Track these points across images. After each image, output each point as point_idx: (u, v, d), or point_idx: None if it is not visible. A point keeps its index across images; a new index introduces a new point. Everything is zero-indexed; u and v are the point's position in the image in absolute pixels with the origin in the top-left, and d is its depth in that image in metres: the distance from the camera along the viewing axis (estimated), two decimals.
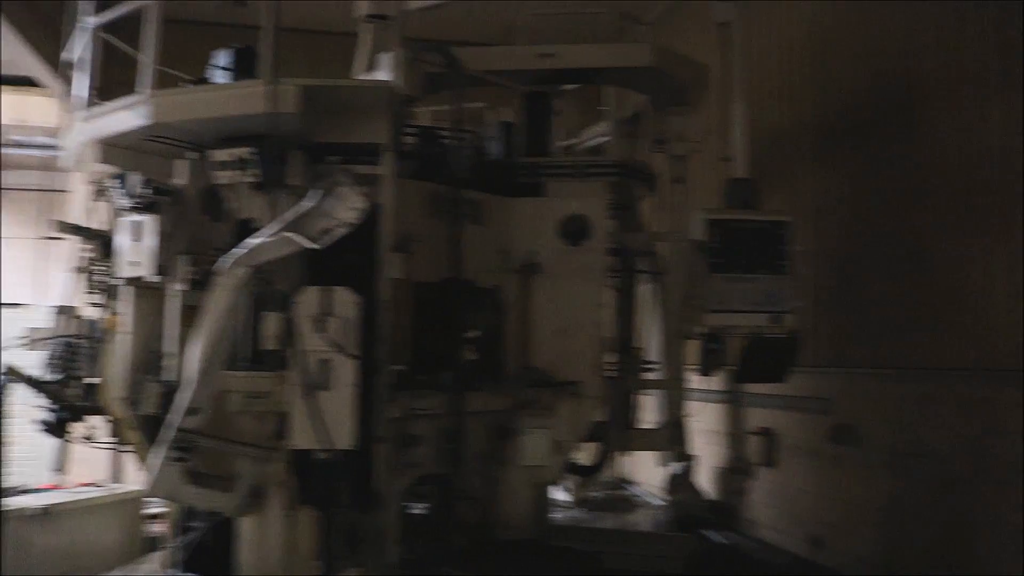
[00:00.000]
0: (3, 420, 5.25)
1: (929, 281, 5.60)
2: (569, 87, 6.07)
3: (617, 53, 5.48)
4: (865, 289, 6.18)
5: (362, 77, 4.83)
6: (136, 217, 4.62)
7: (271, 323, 4.09)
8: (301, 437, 4.03)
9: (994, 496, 5.00)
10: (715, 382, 5.83)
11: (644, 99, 6.01)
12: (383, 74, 4.62)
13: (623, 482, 6.87)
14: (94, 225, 5.22)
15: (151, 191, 4.60)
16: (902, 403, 5.69)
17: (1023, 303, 4.92)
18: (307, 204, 4.16)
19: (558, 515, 5.99)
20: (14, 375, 5.08)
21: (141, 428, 4.63)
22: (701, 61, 5.91)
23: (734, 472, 5.78)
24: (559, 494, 6.14)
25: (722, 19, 5.99)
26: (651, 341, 5.88)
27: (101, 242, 5.13)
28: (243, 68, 4.70)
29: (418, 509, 4.95)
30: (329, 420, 3.99)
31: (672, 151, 5.89)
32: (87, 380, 5.09)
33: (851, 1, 6.42)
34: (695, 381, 5.96)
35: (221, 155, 4.42)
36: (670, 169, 5.87)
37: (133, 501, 6.66)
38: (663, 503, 5.91)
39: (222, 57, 4.81)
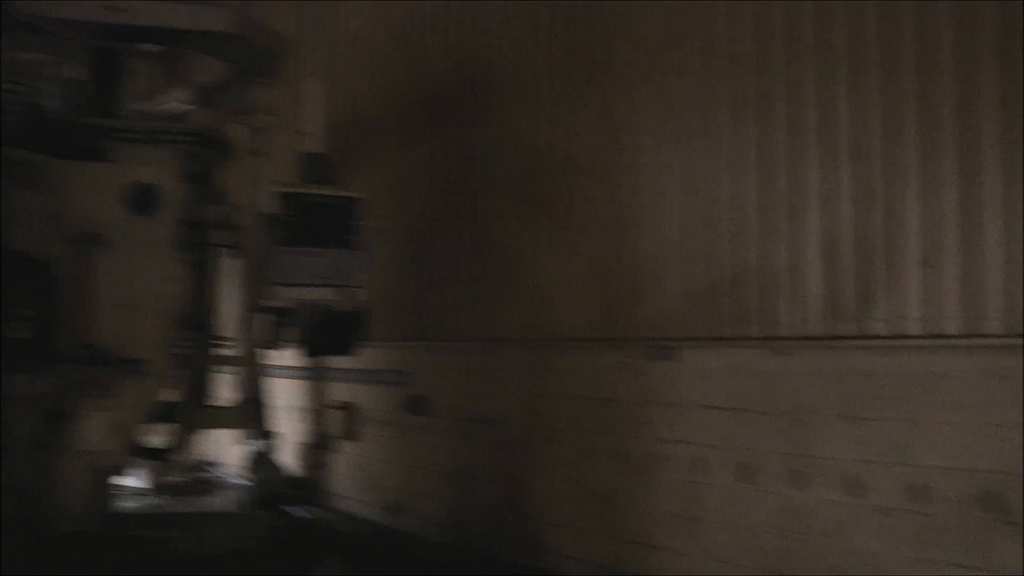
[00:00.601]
0: None
1: (492, 261, 6.06)
2: (155, 49, 5.70)
3: (192, 15, 5.22)
4: (438, 268, 6.54)
5: None
6: None
7: None
8: None
9: (545, 453, 5.55)
10: (296, 358, 5.83)
11: (226, 67, 5.82)
12: None
13: (205, 464, 6.63)
14: None
15: None
16: (468, 373, 6.12)
17: (574, 282, 5.50)
18: None
19: (132, 503, 5.64)
20: None
21: None
22: (283, 33, 5.84)
23: (316, 447, 5.80)
24: (133, 481, 5.79)
25: None
26: (228, 316, 5.73)
27: None
28: None
29: None
30: None
31: (253, 123, 5.78)
32: None
33: None
34: (277, 357, 5.92)
35: None
36: (250, 141, 5.75)
37: None
38: (245, 483, 5.79)
39: None
